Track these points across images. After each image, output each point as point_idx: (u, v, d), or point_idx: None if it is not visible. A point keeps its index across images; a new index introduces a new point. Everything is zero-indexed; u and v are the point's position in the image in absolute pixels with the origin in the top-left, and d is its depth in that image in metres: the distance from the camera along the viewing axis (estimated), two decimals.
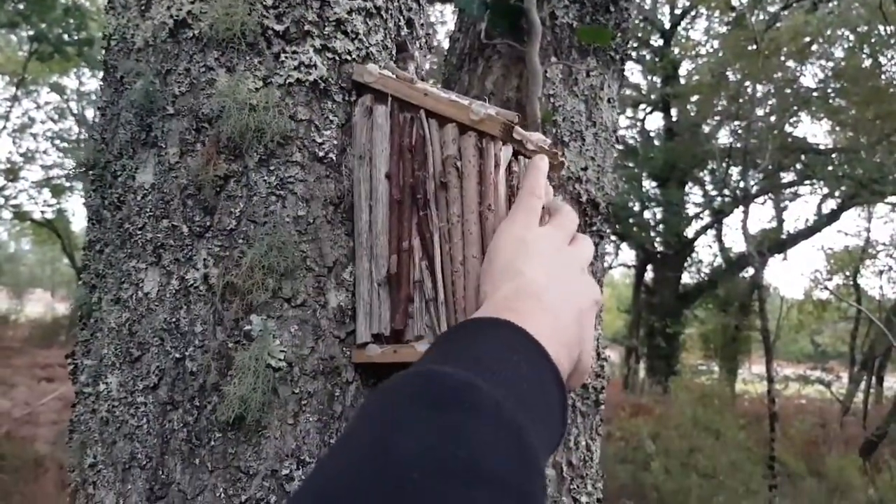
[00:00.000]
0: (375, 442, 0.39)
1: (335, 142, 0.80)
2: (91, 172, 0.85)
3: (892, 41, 8.64)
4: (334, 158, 0.79)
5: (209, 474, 0.71)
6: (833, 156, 10.56)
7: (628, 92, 11.93)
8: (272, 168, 0.76)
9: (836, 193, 11.05)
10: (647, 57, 12.13)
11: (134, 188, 0.79)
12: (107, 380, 0.76)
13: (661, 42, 11.78)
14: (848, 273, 12.04)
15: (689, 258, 12.57)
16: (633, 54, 11.53)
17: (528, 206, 0.69)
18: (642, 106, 12.75)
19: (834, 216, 11.30)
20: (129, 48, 0.82)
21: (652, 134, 13.07)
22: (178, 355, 0.73)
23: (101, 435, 0.75)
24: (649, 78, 12.62)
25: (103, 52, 0.88)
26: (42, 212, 13.32)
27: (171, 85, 0.78)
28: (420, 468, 0.37)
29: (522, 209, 0.69)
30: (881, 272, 11.17)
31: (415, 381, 0.43)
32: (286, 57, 0.78)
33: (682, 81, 11.78)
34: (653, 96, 12.27)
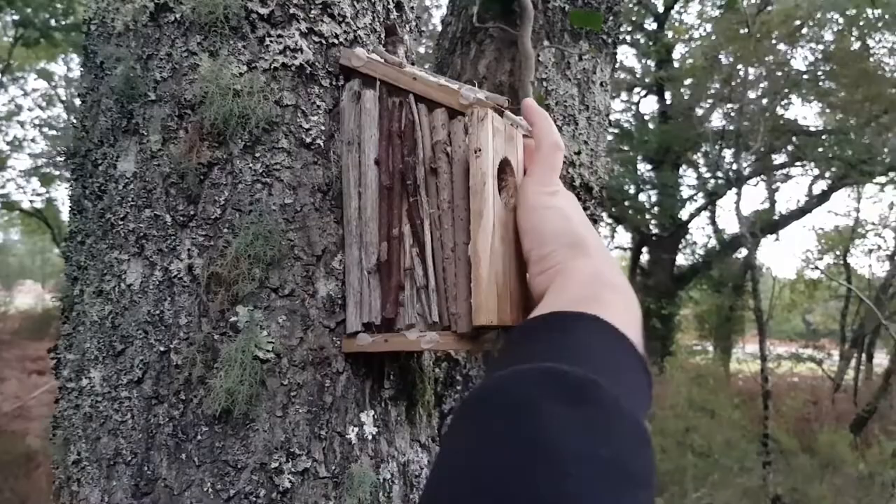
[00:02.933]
0: (527, 436, 0.38)
1: (323, 127, 0.78)
2: (71, 161, 0.83)
3: (881, 24, 8.62)
4: (322, 144, 0.77)
5: (196, 469, 0.69)
6: (823, 137, 10.55)
7: (623, 76, 11.86)
8: (257, 155, 0.74)
9: (827, 174, 11.06)
10: (642, 40, 12.06)
11: (115, 177, 0.76)
12: (90, 374, 0.74)
13: (654, 26, 11.70)
14: (838, 252, 12.08)
15: (683, 240, 12.55)
16: (628, 38, 11.48)
17: (557, 164, 0.66)
18: (637, 89, 12.68)
19: (824, 197, 11.30)
20: (108, 33, 0.80)
21: (646, 117, 13.01)
22: (162, 348, 0.72)
23: (85, 431, 0.74)
24: (643, 61, 12.55)
25: (83, 36, 0.85)
26: (31, 201, 13.21)
27: (152, 70, 0.76)
28: (577, 466, 0.36)
29: (551, 169, 0.66)
30: (870, 251, 11.23)
31: (544, 377, 0.42)
32: (271, 41, 0.76)
33: (676, 65, 11.72)
34: (647, 80, 12.20)
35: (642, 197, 12.02)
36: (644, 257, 12.80)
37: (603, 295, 0.55)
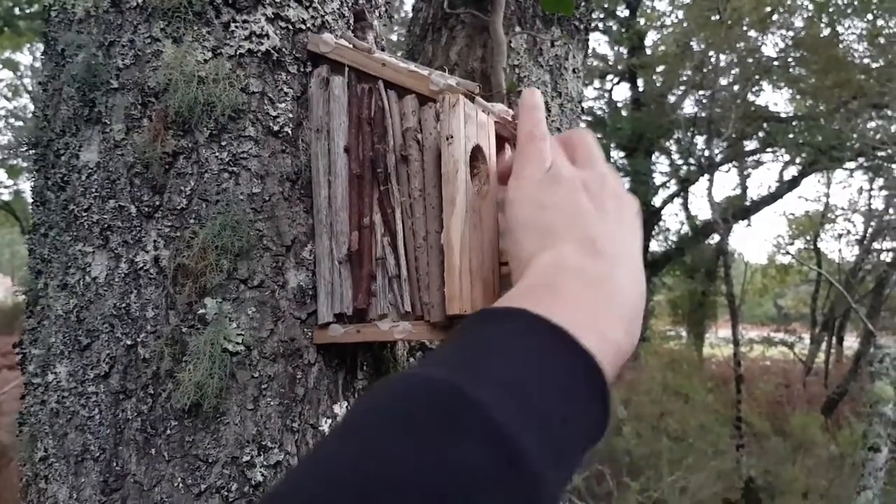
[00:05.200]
0: (350, 461, 0.35)
1: (290, 115, 0.76)
2: (33, 151, 0.80)
3: (850, 11, 8.72)
4: (290, 132, 0.76)
5: (166, 464, 0.68)
6: (794, 124, 10.68)
7: (595, 63, 11.90)
8: (224, 143, 0.73)
9: (797, 160, 11.21)
10: (614, 28, 12.10)
11: (78, 167, 0.75)
12: (55, 369, 0.73)
13: (627, 13, 11.75)
14: (809, 237, 12.28)
15: (656, 226, 12.67)
16: (600, 25, 11.50)
17: (534, 155, 0.60)
18: (609, 76, 12.73)
19: (795, 182, 11.47)
20: (69, 19, 0.77)
21: (619, 104, 13.08)
22: (129, 342, 0.70)
23: (52, 427, 0.72)
24: (616, 48, 12.59)
25: (44, 23, 0.83)
26: None
27: (114, 57, 0.74)
28: (399, 498, 0.33)
29: (527, 160, 0.60)
30: (840, 236, 11.42)
31: (397, 389, 0.39)
32: (236, 26, 0.74)
33: (648, 52, 11.78)
34: (619, 67, 12.25)
35: None
36: None
37: (560, 283, 0.49)
